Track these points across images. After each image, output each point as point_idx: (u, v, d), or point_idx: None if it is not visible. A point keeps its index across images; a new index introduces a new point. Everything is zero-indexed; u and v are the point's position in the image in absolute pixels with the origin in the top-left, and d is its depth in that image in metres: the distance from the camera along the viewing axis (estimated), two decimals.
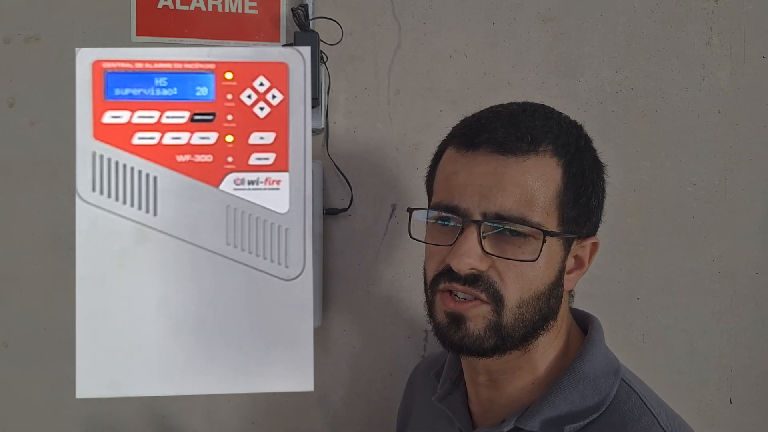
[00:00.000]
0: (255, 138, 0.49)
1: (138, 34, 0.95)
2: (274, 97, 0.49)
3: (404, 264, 0.97)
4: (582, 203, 0.61)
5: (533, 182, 0.58)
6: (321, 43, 0.92)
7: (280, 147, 0.49)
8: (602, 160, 0.67)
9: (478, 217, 0.58)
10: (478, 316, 0.59)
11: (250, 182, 0.48)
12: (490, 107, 0.64)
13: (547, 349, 0.63)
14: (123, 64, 0.48)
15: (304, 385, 0.48)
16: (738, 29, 1.01)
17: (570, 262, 0.62)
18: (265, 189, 0.49)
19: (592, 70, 1.00)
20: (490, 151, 0.59)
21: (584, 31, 0.99)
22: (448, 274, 0.59)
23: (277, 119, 0.49)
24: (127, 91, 0.48)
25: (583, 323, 0.67)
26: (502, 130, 0.59)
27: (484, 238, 0.58)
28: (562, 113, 0.64)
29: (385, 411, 0.98)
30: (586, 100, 1.00)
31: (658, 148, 1.00)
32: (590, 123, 0.99)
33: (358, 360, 0.98)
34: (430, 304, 0.63)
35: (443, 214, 0.60)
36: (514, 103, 0.64)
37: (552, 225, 0.59)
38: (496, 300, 0.58)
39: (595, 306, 0.98)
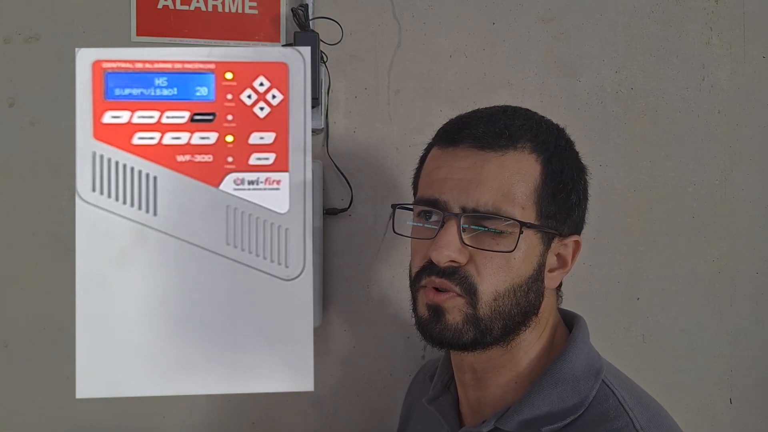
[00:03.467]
0: (255, 138, 0.49)
1: (138, 34, 0.95)
2: (274, 97, 0.49)
3: (404, 264, 0.97)
4: (561, 199, 0.62)
5: (511, 176, 0.59)
6: (321, 43, 0.92)
7: (280, 147, 0.49)
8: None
9: (457, 211, 0.59)
10: (454, 308, 0.59)
11: (250, 182, 0.49)
12: (474, 109, 0.66)
13: (530, 347, 0.63)
14: (123, 64, 0.48)
15: (304, 385, 0.48)
16: (738, 29, 1.01)
17: (552, 260, 0.63)
18: (265, 189, 0.49)
19: (592, 70, 1.00)
20: (470, 146, 0.60)
21: (584, 31, 0.99)
22: (429, 268, 0.60)
23: (277, 119, 0.49)
24: (127, 91, 0.48)
25: (570, 322, 0.67)
26: (482, 126, 0.61)
27: (464, 231, 0.59)
28: (544, 117, 0.66)
29: (385, 411, 0.98)
30: (586, 100, 1.00)
31: (658, 148, 1.00)
32: (590, 123, 1.00)
33: (358, 360, 0.98)
34: (413, 300, 0.64)
35: (425, 208, 0.62)
36: (498, 105, 0.66)
37: (530, 219, 0.59)
38: (470, 293, 0.59)
39: (595, 306, 0.99)
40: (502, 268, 0.59)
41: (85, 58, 0.48)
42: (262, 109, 0.49)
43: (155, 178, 0.48)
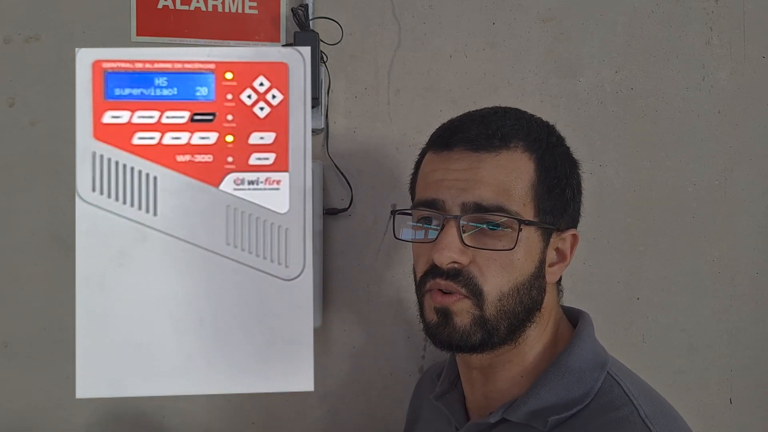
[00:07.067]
0: (255, 138, 0.49)
1: (138, 34, 0.95)
2: (274, 97, 0.49)
3: (404, 264, 0.97)
4: (557, 195, 0.63)
5: (507, 175, 0.60)
6: (321, 43, 0.92)
7: (280, 147, 0.49)
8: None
9: (456, 211, 0.60)
10: (462, 311, 0.60)
11: (250, 182, 0.48)
12: (466, 112, 0.67)
13: (535, 342, 0.64)
14: (123, 64, 0.48)
15: (304, 384, 0.48)
16: (738, 29, 1.01)
17: (551, 255, 0.64)
18: (265, 189, 0.49)
19: (592, 70, 1.00)
20: (464, 149, 0.62)
21: (584, 31, 0.99)
22: (432, 271, 0.61)
23: (277, 119, 0.49)
24: (127, 91, 0.48)
25: (574, 318, 0.68)
26: (474, 129, 0.62)
27: (465, 233, 0.60)
28: (534, 115, 0.67)
29: (385, 411, 0.98)
30: (586, 100, 1.00)
31: (658, 148, 1.00)
32: (590, 123, 1.00)
33: (358, 360, 0.98)
34: (420, 306, 0.65)
35: (424, 212, 0.63)
36: (488, 107, 0.68)
37: (528, 216, 0.61)
38: (476, 294, 0.60)
39: (595, 306, 0.99)
40: (506, 268, 0.60)
41: (85, 58, 0.48)
42: (262, 109, 0.49)
43: (155, 178, 0.48)
